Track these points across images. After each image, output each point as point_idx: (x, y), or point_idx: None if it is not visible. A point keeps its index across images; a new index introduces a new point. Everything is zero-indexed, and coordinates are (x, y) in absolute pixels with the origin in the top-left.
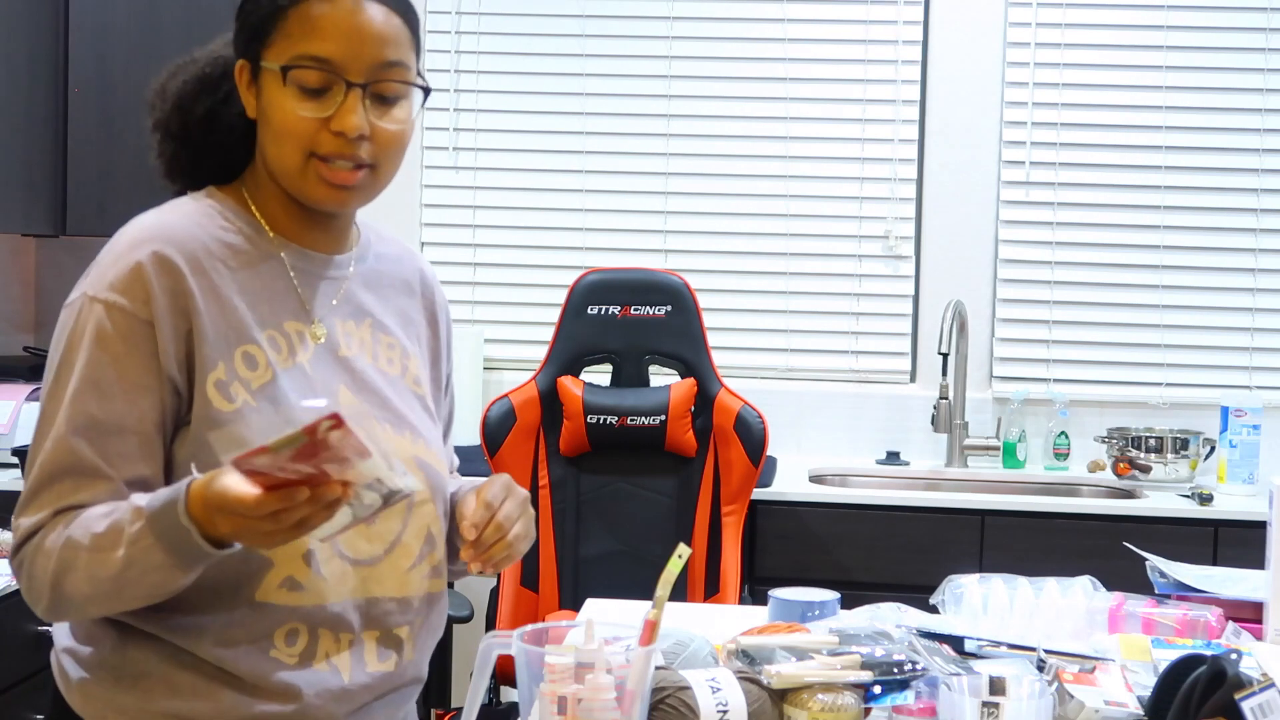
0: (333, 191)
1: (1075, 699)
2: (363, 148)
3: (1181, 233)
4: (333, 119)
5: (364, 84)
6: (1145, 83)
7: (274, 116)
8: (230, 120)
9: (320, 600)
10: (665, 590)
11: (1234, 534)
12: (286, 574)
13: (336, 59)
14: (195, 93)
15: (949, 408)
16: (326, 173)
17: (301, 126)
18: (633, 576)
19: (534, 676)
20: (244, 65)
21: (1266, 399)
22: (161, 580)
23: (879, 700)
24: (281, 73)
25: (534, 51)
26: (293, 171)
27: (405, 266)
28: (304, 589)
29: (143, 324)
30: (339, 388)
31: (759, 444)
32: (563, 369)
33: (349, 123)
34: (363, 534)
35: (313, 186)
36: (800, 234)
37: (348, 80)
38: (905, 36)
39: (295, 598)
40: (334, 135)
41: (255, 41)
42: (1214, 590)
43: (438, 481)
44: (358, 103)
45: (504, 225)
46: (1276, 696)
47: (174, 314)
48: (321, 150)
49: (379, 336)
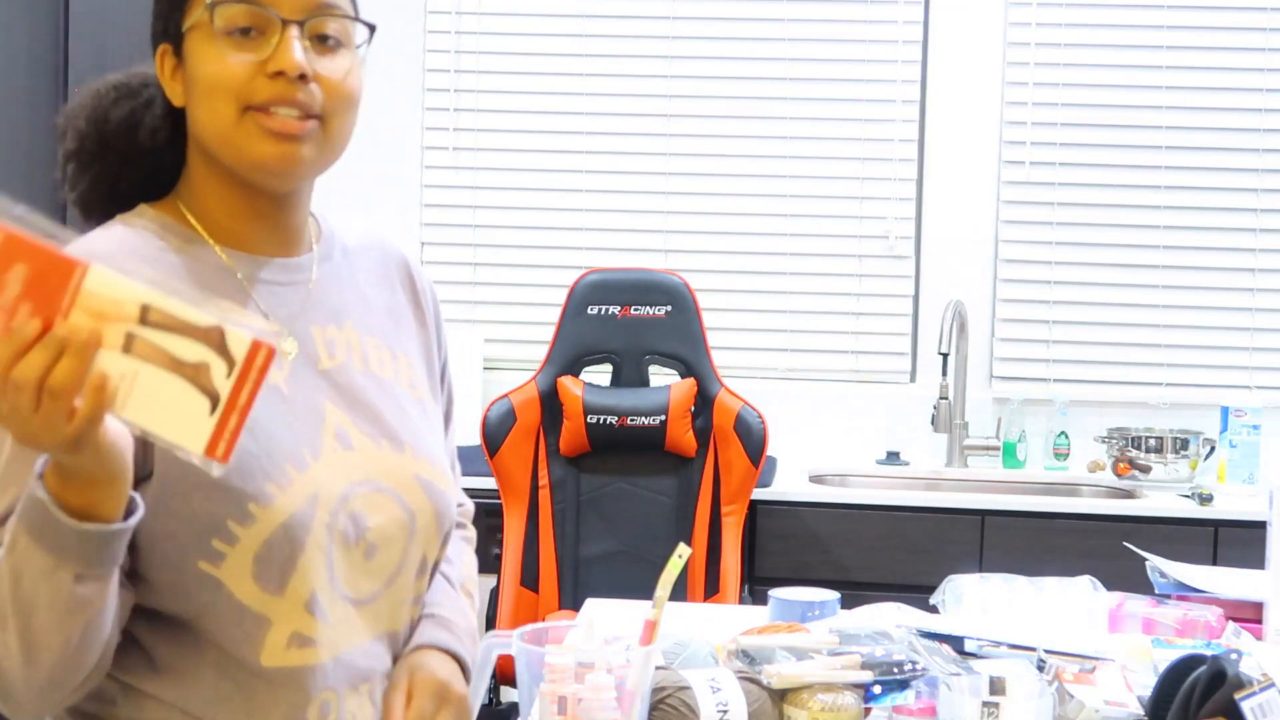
0: (278, 145)
1: (1075, 699)
2: (306, 91)
3: (1181, 232)
4: (269, 60)
5: (301, 20)
6: (1145, 82)
7: (202, 72)
8: (154, 124)
9: (334, 652)
10: (665, 590)
11: (1234, 534)
12: (291, 630)
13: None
14: (111, 101)
15: (949, 408)
16: (268, 122)
17: (233, 73)
18: (633, 576)
19: (534, 676)
20: (165, 49)
21: (1266, 399)
22: (54, 591)
23: (879, 700)
24: (209, 10)
25: (534, 51)
26: (227, 130)
27: (380, 255)
28: (314, 644)
29: None
30: (325, 406)
31: (759, 444)
32: (563, 369)
33: (287, 60)
34: (362, 568)
35: (253, 143)
36: (800, 234)
37: (282, 18)
38: (905, 36)
39: (307, 655)
40: (271, 79)
41: (174, 11)
42: (1214, 590)
43: (441, 504)
44: (294, 40)
45: (504, 225)
46: (1276, 696)
47: None
48: (259, 98)
49: (365, 338)
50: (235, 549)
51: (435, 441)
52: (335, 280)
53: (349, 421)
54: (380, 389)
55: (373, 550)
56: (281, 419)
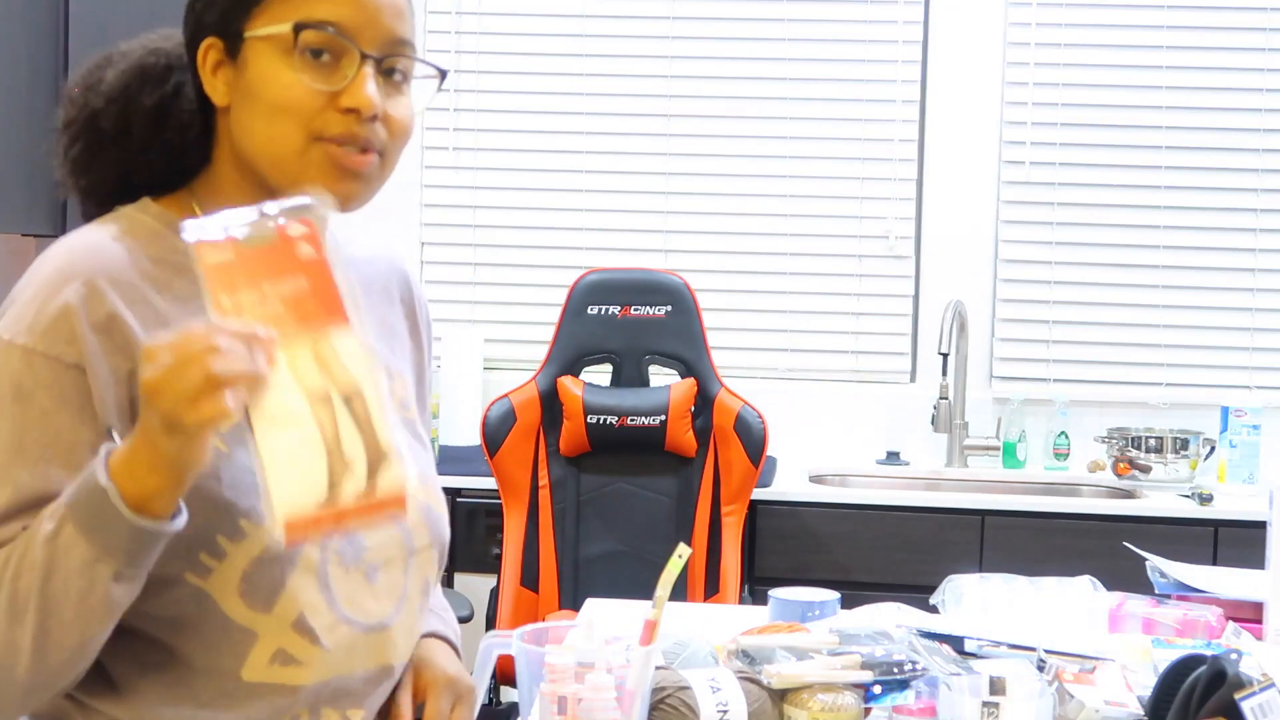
0: (341, 180)
1: (1075, 699)
2: (374, 130)
3: (1181, 233)
4: (343, 94)
5: (379, 57)
6: (1145, 83)
7: (268, 91)
8: (185, 118)
9: (324, 675)
10: (665, 590)
11: (1234, 534)
12: (277, 647)
13: (349, 25)
14: (139, 85)
15: (949, 408)
16: (337, 156)
17: (306, 101)
18: (633, 576)
19: (534, 676)
20: (214, 43)
21: (1266, 399)
22: (86, 590)
23: (879, 700)
24: (294, 32)
25: (534, 51)
26: (290, 156)
27: (382, 268)
28: (300, 664)
29: (70, 370)
30: None
31: (759, 444)
32: (563, 369)
33: (363, 99)
34: (367, 590)
35: (316, 174)
36: (800, 234)
37: (362, 50)
38: (905, 36)
39: (291, 674)
40: (344, 114)
41: (237, 10)
42: (1214, 590)
43: (437, 528)
44: (370, 79)
45: (504, 225)
46: (1276, 696)
47: (110, 354)
48: (329, 132)
49: None
50: (223, 564)
51: (428, 461)
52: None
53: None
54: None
55: (374, 572)
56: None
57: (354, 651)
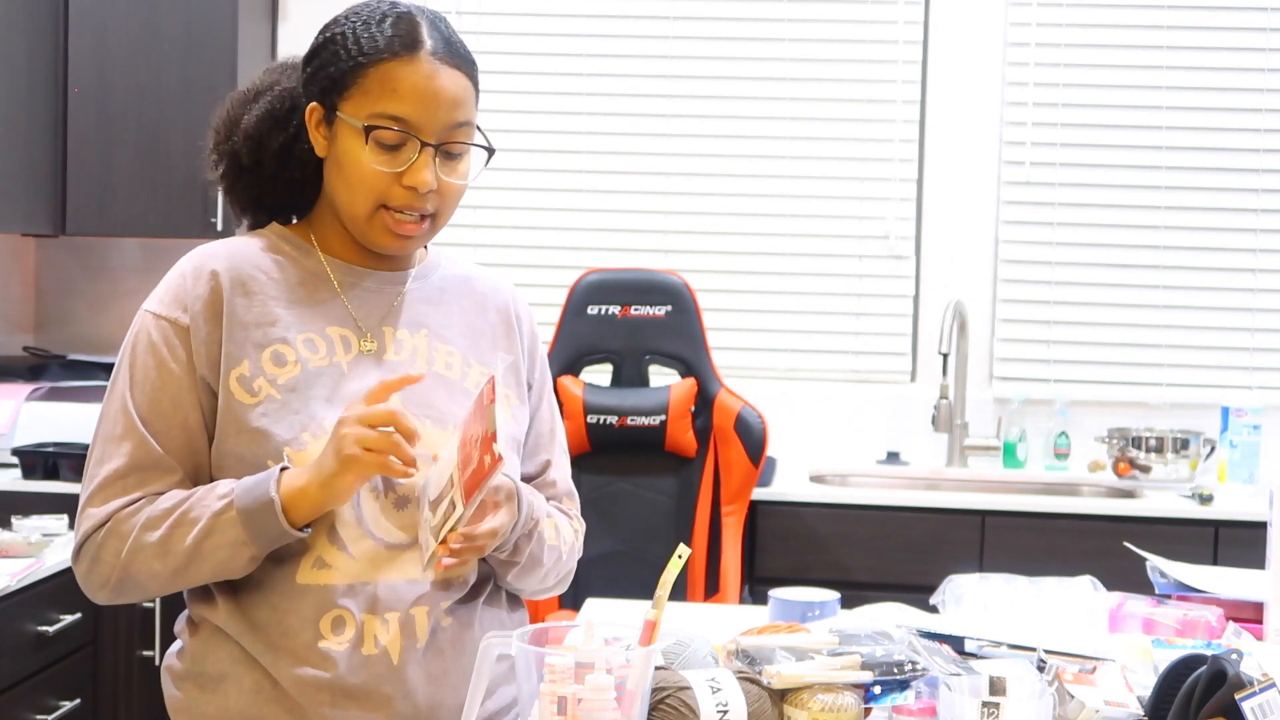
0: (396, 240)
1: (1075, 699)
2: (430, 199)
3: (1181, 233)
4: (405, 174)
5: (436, 144)
6: (1145, 83)
7: (349, 166)
8: (301, 155)
9: (349, 579)
10: (665, 590)
11: (1234, 534)
12: (317, 555)
13: (413, 120)
14: (269, 128)
15: (949, 408)
16: (393, 223)
17: (376, 179)
18: (633, 576)
19: (534, 676)
20: (317, 108)
21: (1266, 399)
22: (228, 558)
23: (879, 700)
24: (364, 131)
25: (534, 51)
26: (361, 218)
27: (484, 287)
28: (331, 567)
29: (180, 330)
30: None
31: (759, 444)
32: (563, 369)
33: (421, 179)
34: (394, 516)
35: (377, 234)
36: (800, 234)
37: (422, 140)
38: (905, 36)
39: (323, 576)
40: (405, 189)
41: (333, 91)
42: (1214, 590)
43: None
44: (430, 161)
45: (504, 225)
46: (1276, 696)
47: (208, 320)
48: (393, 202)
49: (436, 345)
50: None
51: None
52: (421, 297)
53: (395, 399)
54: (439, 384)
55: (404, 502)
56: (332, 389)
57: (377, 562)
